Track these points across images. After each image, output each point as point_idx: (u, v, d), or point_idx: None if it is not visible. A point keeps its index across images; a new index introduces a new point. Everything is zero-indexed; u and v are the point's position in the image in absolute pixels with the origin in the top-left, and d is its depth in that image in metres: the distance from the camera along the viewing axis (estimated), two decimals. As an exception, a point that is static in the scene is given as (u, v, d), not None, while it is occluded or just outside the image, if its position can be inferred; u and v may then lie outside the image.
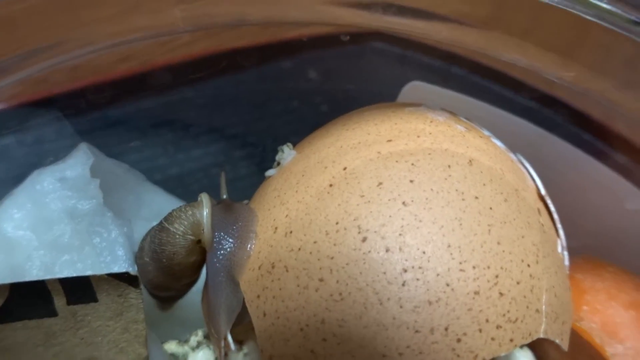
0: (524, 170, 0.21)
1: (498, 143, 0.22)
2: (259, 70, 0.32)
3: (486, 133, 0.22)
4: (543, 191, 0.21)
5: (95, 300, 0.18)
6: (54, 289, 0.18)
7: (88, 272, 0.19)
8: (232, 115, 0.33)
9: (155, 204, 0.24)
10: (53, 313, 0.18)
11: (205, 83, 0.32)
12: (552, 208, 0.21)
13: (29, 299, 0.18)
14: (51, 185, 0.20)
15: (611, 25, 0.19)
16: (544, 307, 0.18)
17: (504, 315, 0.17)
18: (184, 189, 0.30)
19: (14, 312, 0.18)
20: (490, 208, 0.19)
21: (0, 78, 0.17)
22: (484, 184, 0.19)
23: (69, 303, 0.18)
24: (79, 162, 0.21)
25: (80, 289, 0.18)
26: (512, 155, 0.21)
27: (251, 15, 0.20)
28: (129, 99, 0.30)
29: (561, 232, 0.21)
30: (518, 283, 0.18)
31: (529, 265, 0.18)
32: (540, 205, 0.21)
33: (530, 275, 0.18)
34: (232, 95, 0.33)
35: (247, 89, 0.32)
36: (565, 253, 0.21)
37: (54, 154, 0.22)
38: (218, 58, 0.31)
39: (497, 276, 0.18)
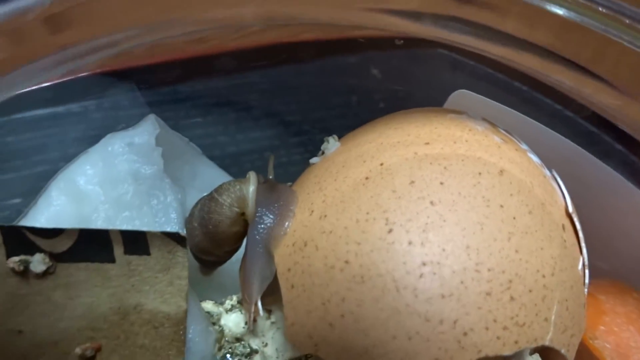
0: (555, 187, 0.22)
1: (534, 158, 0.22)
2: (322, 63, 0.34)
3: (523, 147, 0.23)
4: (571, 209, 0.22)
5: (148, 253, 0.21)
6: (115, 239, 0.20)
7: (144, 229, 0.21)
8: (291, 103, 0.35)
9: (208, 177, 0.27)
10: (112, 260, 0.21)
11: (270, 70, 0.34)
12: (579, 226, 0.22)
13: (93, 245, 0.21)
14: (121, 148, 0.23)
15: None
16: (553, 317, 0.19)
17: (512, 318, 0.18)
18: (238, 167, 0.32)
19: (79, 254, 0.21)
20: (514, 218, 0.20)
21: (91, 53, 0.20)
22: (511, 194, 0.20)
23: (125, 253, 0.21)
24: (147, 130, 0.23)
25: (136, 242, 0.21)
26: (546, 171, 0.22)
27: (314, 15, 0.22)
28: (197, 78, 0.33)
29: (584, 250, 0.22)
30: (530, 291, 0.19)
31: (544, 276, 0.19)
32: (566, 222, 0.21)
33: (544, 286, 0.19)
34: (293, 85, 0.34)
35: (309, 80, 0.34)
36: (587, 271, 0.22)
37: (126, 121, 0.25)
38: (284, 48, 0.33)
39: (510, 281, 0.19)
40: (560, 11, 0.21)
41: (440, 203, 0.19)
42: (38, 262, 0.20)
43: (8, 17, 0.18)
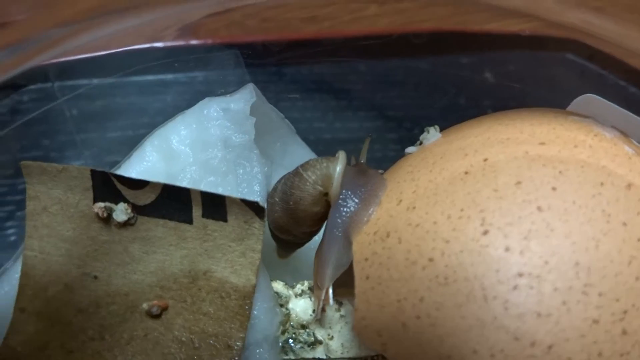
0: (695, 215, 0.18)
1: (671, 178, 0.19)
2: (433, 60, 0.32)
3: (659, 164, 0.19)
4: None
5: (225, 220, 0.20)
6: (195, 199, 0.20)
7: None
8: (395, 97, 0.34)
9: (298, 157, 0.26)
10: (189, 220, 0.21)
11: (378, 62, 0.32)
12: None
13: (174, 202, 0.20)
14: (216, 113, 0.23)
15: None
16: (674, 365, 0.16)
17: (621, 355, 0.15)
18: (331, 155, 0.31)
19: (160, 209, 0.20)
20: (639, 240, 0.17)
21: (211, 19, 0.20)
22: (638, 213, 0.17)
23: (203, 216, 0.20)
24: (243, 98, 0.23)
25: (215, 206, 0.20)
26: (684, 196, 0.19)
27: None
28: (304, 60, 0.32)
29: None
30: (649, 328, 0.16)
31: (668, 315, 0.16)
32: None
33: (667, 326, 0.16)
34: (400, 79, 0.33)
35: (417, 76, 0.32)
36: None
37: (225, 87, 0.24)
38: (394, 40, 0.32)
39: (625, 312, 0.16)
40: None
41: (550, 210, 0.17)
42: (121, 211, 0.20)
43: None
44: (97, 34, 0.22)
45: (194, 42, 0.28)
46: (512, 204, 0.17)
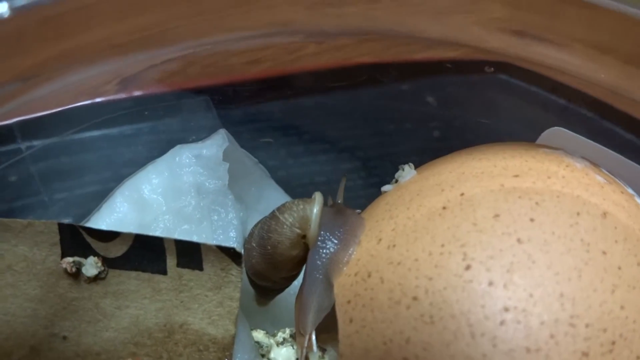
0: (669, 239, 0.19)
1: (643, 204, 0.19)
2: (377, 88, 0.33)
3: (630, 191, 0.20)
4: (689, 267, 0.18)
5: (200, 268, 0.20)
6: (169, 248, 0.19)
7: (200, 242, 0.20)
8: (349, 128, 0.34)
9: (274, 201, 0.26)
10: (164, 271, 0.20)
11: (325, 95, 0.32)
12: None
13: (147, 253, 0.20)
14: (188, 159, 0.23)
15: None
16: (666, 394, 0.16)
17: (613, 387, 0.15)
18: (304, 190, 0.31)
19: (133, 261, 0.20)
20: (619, 268, 0.17)
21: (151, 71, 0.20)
22: (616, 241, 0.17)
23: (178, 265, 0.20)
24: (215, 143, 0.23)
25: (190, 254, 0.19)
26: (657, 221, 0.19)
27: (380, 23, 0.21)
28: (274, 102, 0.32)
29: None
30: (638, 357, 0.16)
31: (655, 342, 0.16)
32: (683, 281, 0.18)
33: (656, 354, 0.16)
34: (348, 109, 0.33)
35: (363, 105, 0.33)
36: None
37: (196, 134, 0.24)
38: (341, 72, 0.32)
39: (613, 343, 0.16)
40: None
41: (530, 242, 0.17)
42: (91, 266, 0.20)
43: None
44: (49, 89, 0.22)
45: (162, 90, 0.28)
46: (492, 236, 0.17)
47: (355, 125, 0.33)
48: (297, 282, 0.22)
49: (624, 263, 0.17)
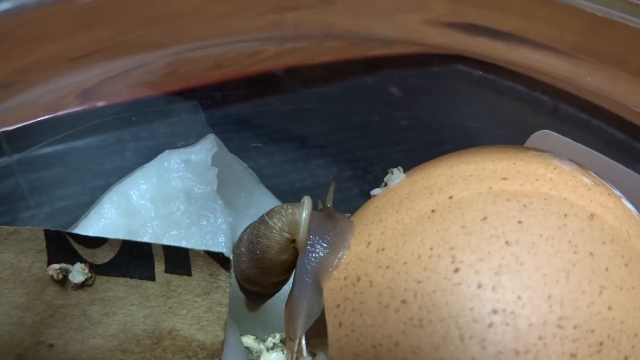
0: (656, 241, 0.19)
1: (630, 206, 0.20)
2: (342, 85, 0.33)
3: (617, 193, 0.20)
4: (676, 268, 0.18)
5: (189, 274, 0.20)
6: (157, 254, 0.19)
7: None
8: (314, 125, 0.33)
9: (264, 206, 0.25)
10: (152, 277, 0.20)
11: (290, 94, 0.32)
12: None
13: (135, 259, 0.19)
14: (176, 165, 0.22)
15: None
16: (654, 394, 0.16)
17: (602, 388, 0.15)
18: (294, 195, 0.31)
19: (120, 267, 0.19)
20: (607, 269, 0.17)
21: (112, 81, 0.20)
22: (603, 242, 0.17)
23: (166, 271, 0.20)
24: (204, 149, 0.23)
25: (178, 260, 0.19)
26: (644, 222, 0.19)
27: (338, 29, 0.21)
28: (264, 106, 0.32)
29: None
30: (626, 358, 0.16)
31: (643, 342, 0.16)
32: (671, 282, 0.18)
33: (643, 354, 0.16)
34: (313, 107, 0.33)
35: (329, 102, 0.33)
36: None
37: (185, 139, 0.24)
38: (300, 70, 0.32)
39: (601, 344, 0.16)
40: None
41: (518, 244, 0.17)
42: (77, 272, 0.19)
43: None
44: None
45: (150, 94, 0.28)
46: (481, 239, 0.17)
47: (350, 133, 0.33)
48: (287, 287, 0.21)
49: (611, 264, 0.17)
